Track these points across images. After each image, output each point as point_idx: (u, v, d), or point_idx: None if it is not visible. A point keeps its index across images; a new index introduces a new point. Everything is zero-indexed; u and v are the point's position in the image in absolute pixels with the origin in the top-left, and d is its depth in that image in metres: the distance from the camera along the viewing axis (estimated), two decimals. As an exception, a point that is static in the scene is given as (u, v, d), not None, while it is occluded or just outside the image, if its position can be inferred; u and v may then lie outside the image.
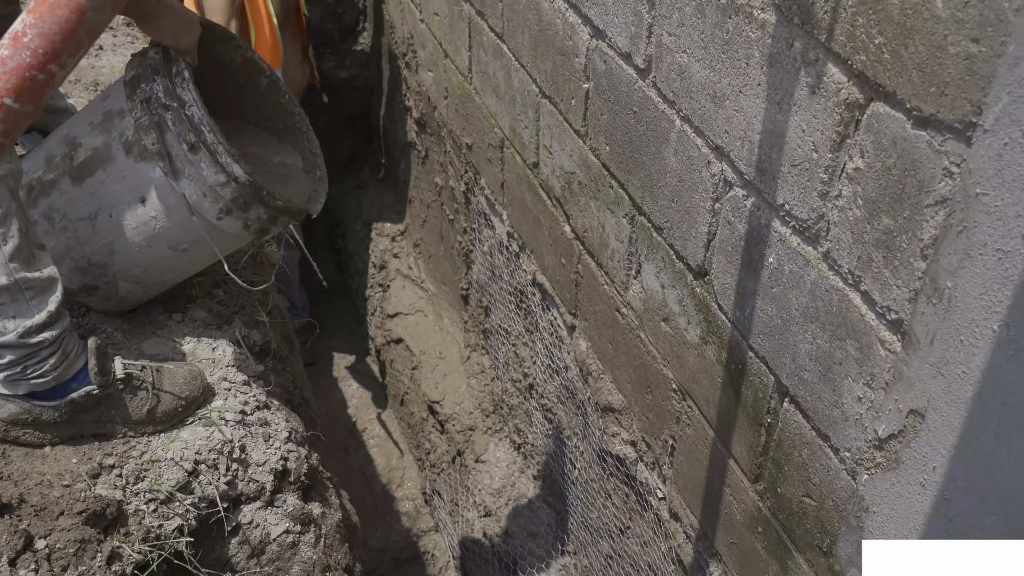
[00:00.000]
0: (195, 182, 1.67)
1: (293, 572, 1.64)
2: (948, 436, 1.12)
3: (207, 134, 1.65)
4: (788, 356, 1.46)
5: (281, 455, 1.68)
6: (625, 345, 2.16)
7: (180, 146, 1.65)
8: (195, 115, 1.65)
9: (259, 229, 1.77)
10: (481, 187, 3.12)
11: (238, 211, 1.70)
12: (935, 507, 1.17)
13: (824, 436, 1.41)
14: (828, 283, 1.31)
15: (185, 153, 1.65)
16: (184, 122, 1.64)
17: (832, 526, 1.43)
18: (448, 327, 3.92)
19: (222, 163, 1.66)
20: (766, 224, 1.44)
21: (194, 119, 1.65)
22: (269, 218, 1.75)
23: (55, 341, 1.46)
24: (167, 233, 1.72)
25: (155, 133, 1.63)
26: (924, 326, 1.12)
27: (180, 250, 1.75)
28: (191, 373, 1.64)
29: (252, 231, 1.76)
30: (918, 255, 1.11)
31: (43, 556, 1.29)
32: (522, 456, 3.34)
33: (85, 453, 1.51)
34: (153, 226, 1.71)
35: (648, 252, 1.92)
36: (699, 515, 1.95)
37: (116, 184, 1.68)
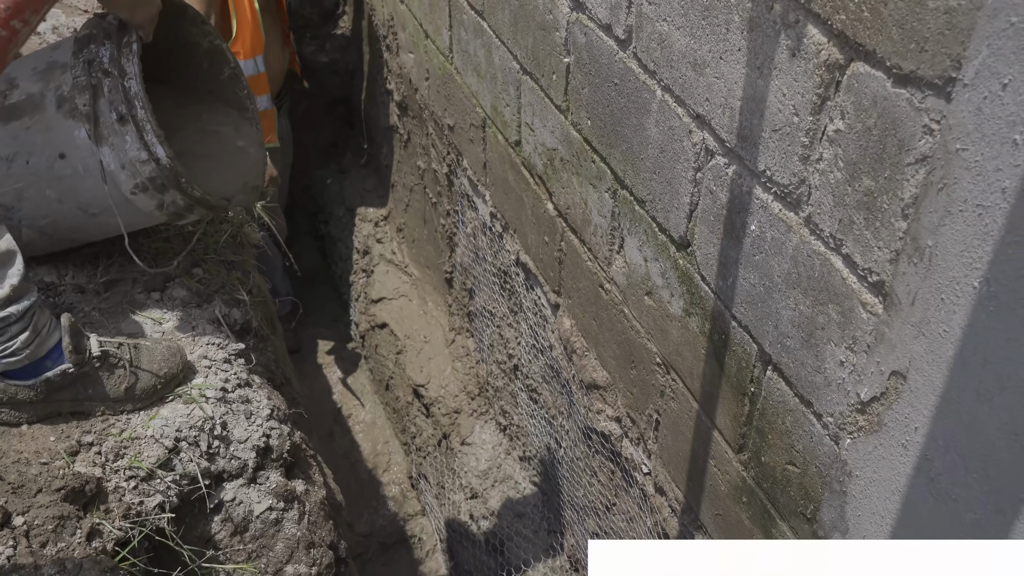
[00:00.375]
0: (116, 152, 1.67)
1: (277, 549, 1.63)
2: (929, 396, 1.12)
3: (139, 109, 1.65)
4: (771, 324, 1.45)
5: (263, 432, 1.67)
6: (609, 321, 2.15)
7: (110, 114, 1.65)
8: (132, 88, 1.65)
9: (174, 213, 1.78)
10: (463, 168, 3.11)
11: (154, 191, 1.71)
12: (917, 468, 1.18)
13: (807, 402, 1.41)
14: (810, 248, 1.31)
15: (113, 122, 1.65)
16: (119, 92, 1.65)
17: (816, 492, 1.44)
18: (432, 311, 3.91)
19: (147, 141, 1.66)
20: (748, 191, 1.44)
21: (130, 92, 1.65)
22: (185, 205, 1.76)
23: (22, 316, 1.43)
24: (79, 195, 1.71)
25: (89, 95, 1.64)
26: (905, 286, 1.12)
27: (90, 214, 1.75)
28: (170, 350, 1.62)
29: (166, 213, 1.77)
30: (899, 215, 1.10)
31: (21, 533, 1.27)
32: (508, 438, 3.33)
33: (63, 431, 1.49)
34: (67, 184, 1.71)
35: (631, 226, 1.91)
36: (684, 488, 1.96)
37: (40, 134, 1.67)
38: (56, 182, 1.70)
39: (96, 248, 1.88)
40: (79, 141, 1.67)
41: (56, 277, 1.80)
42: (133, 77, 1.65)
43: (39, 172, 1.69)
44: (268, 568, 1.62)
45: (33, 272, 1.77)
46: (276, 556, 1.63)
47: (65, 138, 1.68)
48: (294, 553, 1.64)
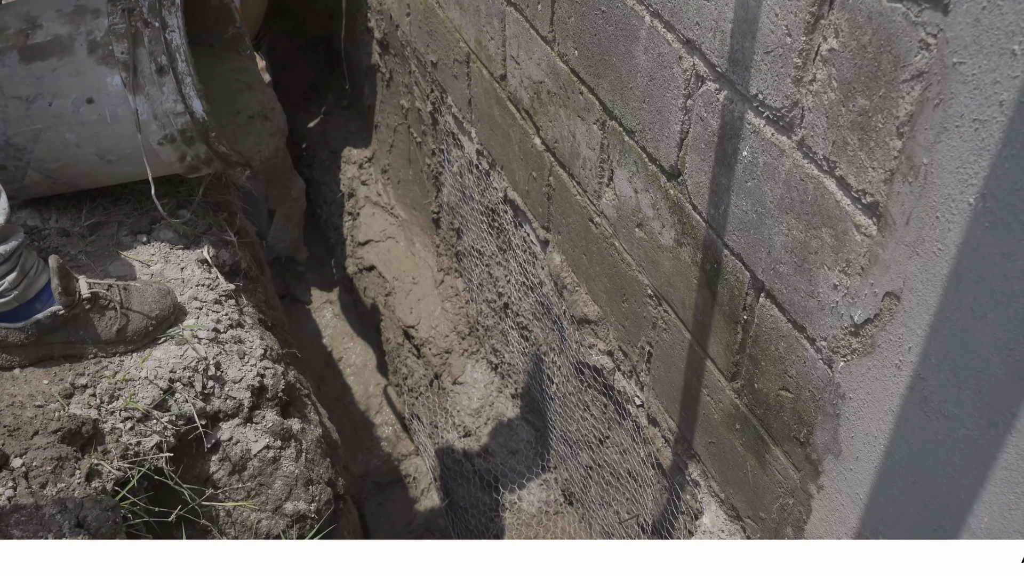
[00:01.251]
0: (152, 102, 1.67)
1: (276, 486, 1.64)
2: (923, 316, 1.13)
3: (180, 62, 1.66)
4: (763, 250, 1.45)
5: (257, 372, 1.66)
6: (599, 255, 2.15)
7: (149, 64, 1.65)
8: (174, 41, 1.66)
9: (192, 165, 1.79)
10: (448, 106, 3.06)
11: (181, 143, 1.72)
12: (910, 387, 1.19)
13: (800, 328, 1.41)
14: (803, 171, 1.30)
15: (152, 72, 1.65)
16: (161, 43, 1.65)
17: (809, 416, 1.45)
18: (420, 252, 3.90)
19: (185, 94, 1.67)
20: (739, 117, 1.42)
21: (172, 44, 1.65)
22: (206, 159, 1.77)
23: (9, 257, 1.41)
24: (100, 140, 1.71)
25: (128, 44, 1.64)
26: (900, 206, 1.12)
27: (106, 160, 1.75)
28: (160, 291, 1.61)
29: (185, 165, 1.78)
30: (894, 133, 1.09)
31: (20, 474, 1.27)
32: (499, 376, 3.35)
33: (56, 374, 1.48)
34: (89, 129, 1.70)
35: (620, 157, 1.89)
36: (677, 418, 1.98)
37: (68, 77, 1.65)
38: (79, 126, 1.70)
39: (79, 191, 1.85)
40: (111, 88, 1.67)
41: (39, 221, 1.77)
42: (176, 30, 1.65)
43: (62, 115, 1.68)
44: (267, 505, 1.63)
45: (16, 216, 1.75)
46: (275, 493, 1.65)
47: (96, 84, 1.67)
48: (293, 490, 1.66)
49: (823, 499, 1.47)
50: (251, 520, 1.61)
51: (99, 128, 1.69)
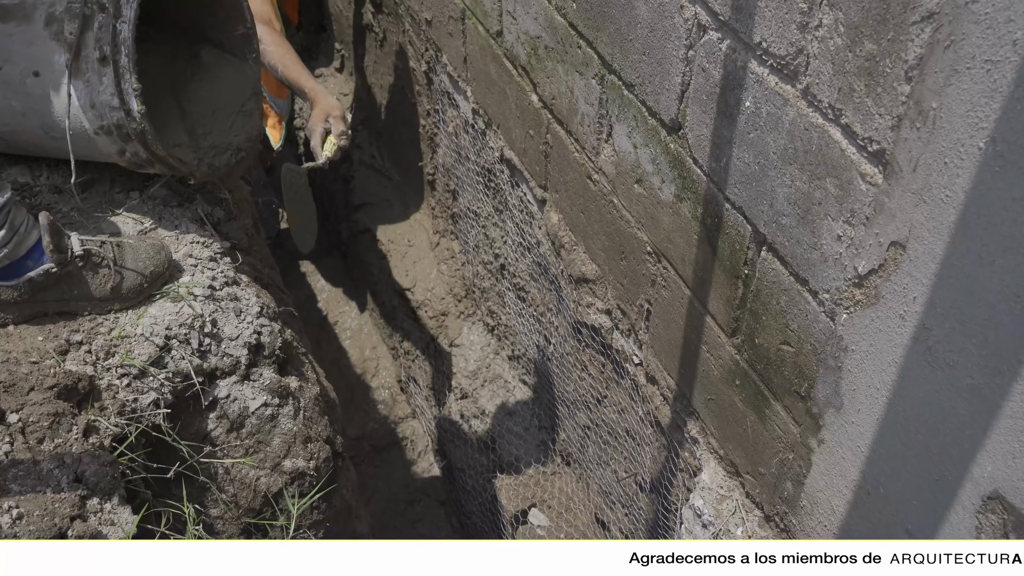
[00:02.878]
0: (90, 89, 1.63)
1: (274, 444, 1.63)
2: (929, 264, 1.11)
3: (123, 56, 1.60)
4: (766, 203, 1.44)
5: (254, 329, 1.65)
6: (597, 213, 2.13)
7: (93, 50, 1.60)
8: (123, 33, 1.60)
9: (134, 162, 1.74)
10: (443, 64, 3.02)
11: (118, 137, 1.67)
12: (915, 337, 1.18)
13: (802, 280, 1.40)
14: (807, 121, 1.28)
15: (94, 59, 1.60)
16: (108, 31, 1.60)
17: (810, 370, 1.45)
18: (415, 214, 3.87)
19: (123, 89, 1.62)
20: (742, 66, 1.40)
21: (119, 35, 1.60)
22: (147, 159, 1.72)
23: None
24: (44, 116, 1.67)
25: (78, 24, 1.58)
26: (907, 153, 1.10)
27: (51, 136, 1.71)
28: (154, 247, 1.59)
29: (126, 161, 1.73)
30: (902, 78, 1.07)
31: (17, 430, 1.26)
32: (496, 338, 3.35)
33: (51, 331, 1.47)
34: (34, 102, 1.66)
35: (619, 112, 1.87)
36: (676, 376, 1.97)
37: (22, 45, 1.61)
38: (24, 96, 1.65)
39: (70, 148, 1.82)
40: (56, 65, 1.62)
41: (30, 178, 1.74)
42: (127, 21, 1.60)
43: (10, 81, 1.63)
44: (266, 463, 1.63)
45: (6, 172, 1.72)
46: (273, 451, 1.64)
47: (44, 58, 1.62)
48: (291, 448, 1.65)
49: (824, 453, 1.47)
50: (250, 477, 1.61)
51: (43, 103, 1.65)
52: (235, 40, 1.97)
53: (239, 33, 1.96)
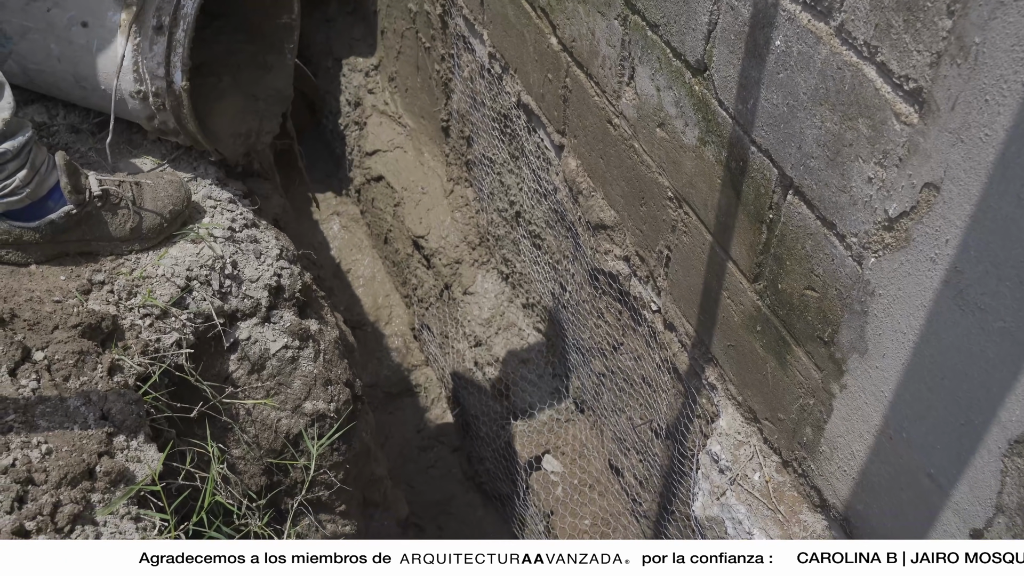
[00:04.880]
0: (140, 53, 1.63)
1: (295, 386, 1.64)
2: (964, 206, 1.09)
3: (181, 31, 1.60)
4: (794, 145, 1.41)
5: (274, 271, 1.65)
6: (617, 158, 2.11)
7: (152, 18, 1.60)
8: (186, 7, 1.60)
9: (159, 129, 1.74)
10: (459, 7, 2.97)
11: (152, 104, 1.67)
12: (945, 281, 1.16)
13: (830, 224, 1.38)
14: (840, 59, 1.25)
15: (151, 27, 1.60)
16: (171, 3, 1.60)
17: (835, 315, 1.44)
18: (429, 161, 3.84)
19: (171, 61, 1.62)
20: (773, 3, 1.36)
21: (182, 9, 1.60)
22: (174, 129, 1.72)
23: (19, 153, 1.37)
24: (79, 65, 1.67)
25: None
26: (946, 91, 1.07)
27: (80, 85, 1.71)
28: (172, 184, 1.58)
29: (152, 127, 1.74)
30: (944, 12, 1.04)
31: (43, 367, 1.26)
32: (510, 286, 3.34)
33: (73, 271, 1.46)
34: (74, 50, 1.66)
35: (642, 54, 1.83)
36: (695, 322, 1.97)
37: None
38: (65, 43, 1.64)
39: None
40: (108, 21, 1.62)
41: (47, 117, 1.73)
42: (189, 13, 1.61)
43: (54, 25, 1.63)
44: (287, 404, 1.64)
45: (23, 111, 1.70)
46: (294, 393, 1.65)
47: (97, 10, 1.62)
48: (312, 390, 1.66)
49: (845, 398, 1.47)
50: (271, 419, 1.62)
51: (83, 53, 1.64)
52: (276, 28, 1.99)
53: (282, 22, 1.97)
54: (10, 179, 1.37)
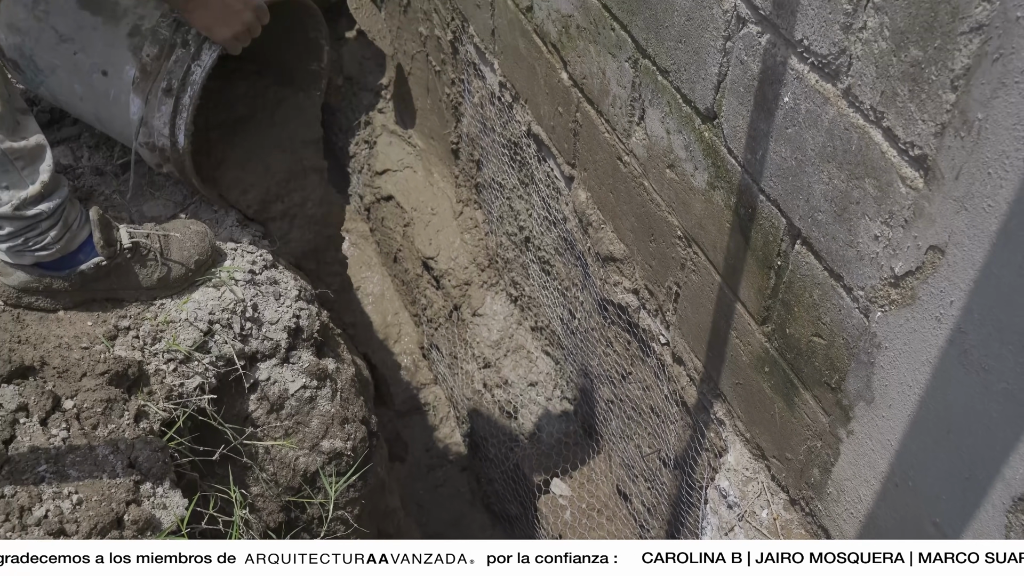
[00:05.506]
0: (149, 109, 1.68)
1: (313, 425, 1.68)
2: (968, 271, 1.13)
3: (187, 96, 1.65)
4: (802, 198, 1.45)
5: (293, 313, 1.68)
6: (627, 194, 2.14)
7: (161, 80, 1.65)
8: (195, 75, 1.65)
9: (167, 174, 1.79)
10: (470, 35, 3.01)
11: (159, 156, 1.72)
12: (950, 340, 1.20)
13: (837, 276, 1.42)
14: (847, 121, 1.28)
15: (160, 87, 1.65)
16: (182, 69, 1.64)
17: (841, 363, 1.47)
18: (439, 182, 3.88)
19: (176, 123, 1.67)
20: (782, 62, 1.40)
21: (191, 76, 1.65)
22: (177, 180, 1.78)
23: (53, 213, 1.42)
24: (100, 109, 1.74)
25: (157, 50, 1.64)
26: (950, 160, 1.11)
27: (100, 123, 1.78)
28: (198, 235, 1.62)
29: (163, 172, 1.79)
30: (948, 87, 1.08)
31: (72, 415, 1.30)
32: (519, 308, 3.38)
33: (100, 316, 1.51)
34: (94, 94, 1.73)
35: (653, 97, 1.87)
36: (703, 358, 2.00)
37: (101, 43, 1.65)
38: (87, 86, 1.71)
39: (109, 129, 1.85)
40: (124, 75, 1.68)
41: (72, 159, 1.77)
42: (203, 67, 1.65)
43: (79, 68, 1.69)
44: (305, 443, 1.67)
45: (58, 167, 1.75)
46: (312, 432, 1.68)
47: (116, 63, 1.68)
48: (329, 428, 1.69)
49: (852, 444, 1.50)
50: (289, 457, 1.65)
51: (102, 99, 1.71)
52: (306, 74, 2.04)
53: (312, 68, 2.02)
54: (42, 236, 1.41)
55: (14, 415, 1.28)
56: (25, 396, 1.30)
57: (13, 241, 1.41)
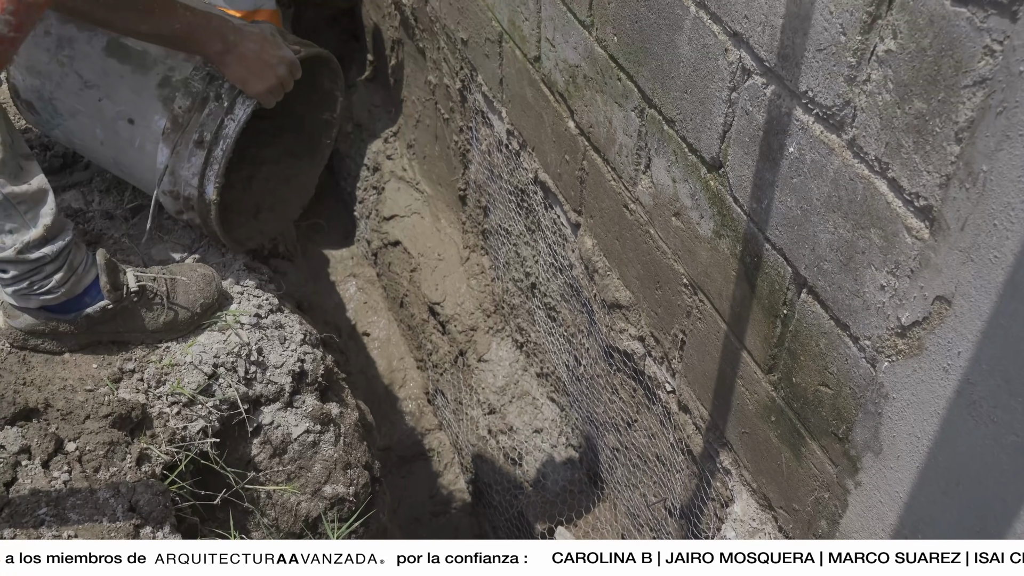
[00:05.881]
0: (177, 159, 1.70)
1: (315, 470, 1.67)
2: (975, 321, 1.12)
3: (219, 150, 1.68)
4: (807, 247, 1.45)
5: (298, 357, 1.68)
6: (633, 241, 2.15)
7: (193, 131, 1.67)
8: (228, 129, 1.67)
9: (187, 223, 1.82)
10: (478, 84, 3.05)
11: (183, 204, 1.74)
12: (958, 391, 1.19)
13: (843, 325, 1.41)
14: (852, 171, 1.29)
15: (192, 139, 1.68)
16: (215, 122, 1.67)
17: (849, 413, 1.46)
18: (446, 228, 3.90)
19: (206, 175, 1.69)
20: (787, 113, 1.41)
21: (224, 130, 1.67)
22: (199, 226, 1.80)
23: (57, 256, 1.42)
24: (121, 155, 1.76)
25: (190, 103, 1.66)
26: (955, 212, 1.11)
27: (119, 168, 1.80)
28: (205, 278, 1.63)
29: (182, 219, 1.81)
30: (952, 139, 1.09)
31: (75, 458, 1.30)
32: (524, 355, 3.37)
33: (105, 359, 1.51)
34: (117, 141, 1.74)
35: (659, 146, 1.89)
36: (709, 407, 1.99)
37: (129, 91, 1.68)
38: (111, 132, 1.73)
39: (120, 173, 1.87)
40: (152, 125, 1.70)
41: (83, 204, 1.79)
42: (236, 121, 1.68)
43: (102, 114, 1.71)
44: (307, 488, 1.66)
45: (60, 198, 1.76)
46: (314, 476, 1.67)
47: (144, 112, 1.70)
48: (332, 473, 1.68)
49: (860, 495, 1.48)
50: (291, 503, 1.64)
51: (125, 146, 1.72)
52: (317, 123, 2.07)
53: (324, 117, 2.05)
54: (47, 280, 1.42)
55: (16, 457, 1.28)
56: (28, 438, 1.30)
57: (18, 285, 1.42)
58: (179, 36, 1.49)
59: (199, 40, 1.52)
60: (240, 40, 1.55)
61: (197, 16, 1.52)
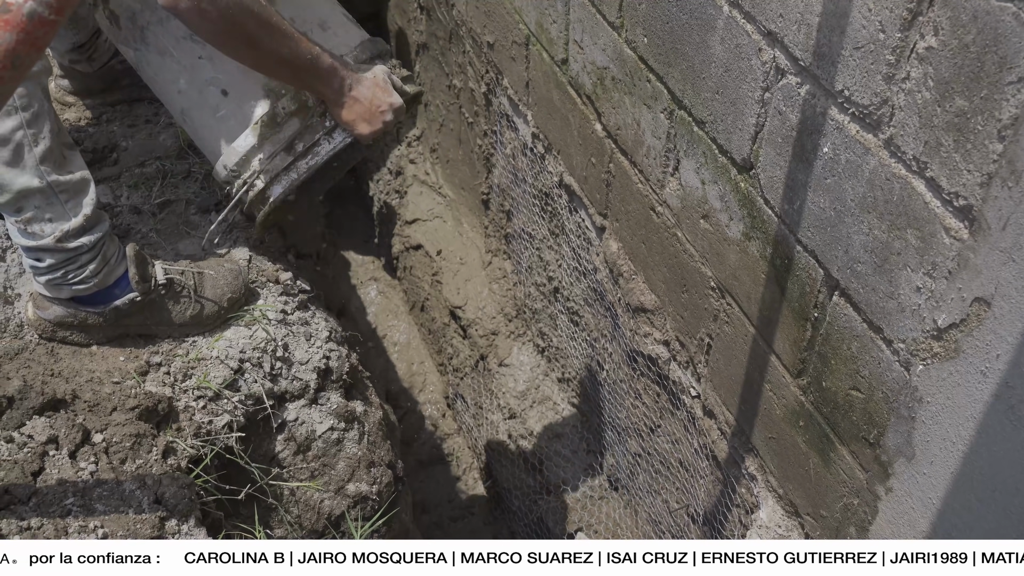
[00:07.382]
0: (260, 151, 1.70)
1: (339, 467, 1.66)
2: (1016, 323, 1.10)
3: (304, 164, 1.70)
4: (840, 249, 1.43)
5: (323, 354, 1.68)
6: (659, 244, 2.13)
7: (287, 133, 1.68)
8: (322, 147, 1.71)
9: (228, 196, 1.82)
10: (503, 87, 3.05)
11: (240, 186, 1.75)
12: (996, 395, 1.17)
13: (876, 328, 1.39)
14: (889, 171, 1.27)
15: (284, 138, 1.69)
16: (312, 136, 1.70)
17: (881, 418, 1.44)
18: (468, 232, 3.90)
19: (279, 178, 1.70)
20: (822, 112, 1.39)
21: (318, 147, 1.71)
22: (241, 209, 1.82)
23: (93, 247, 1.44)
24: (195, 115, 1.75)
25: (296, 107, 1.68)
26: (997, 211, 1.09)
27: (185, 119, 1.78)
28: (232, 272, 1.63)
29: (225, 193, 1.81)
30: (994, 137, 1.07)
31: (101, 449, 1.30)
32: (546, 359, 3.36)
33: (132, 352, 1.51)
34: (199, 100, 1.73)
35: (688, 148, 1.87)
36: (735, 412, 1.96)
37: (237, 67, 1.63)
38: (196, 91, 1.70)
39: (149, 169, 1.87)
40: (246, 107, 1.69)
41: (112, 198, 1.80)
42: (331, 144, 1.72)
43: (197, 71, 1.68)
44: (331, 486, 1.65)
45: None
46: (338, 474, 1.67)
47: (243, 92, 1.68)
48: (355, 472, 1.68)
49: (891, 501, 1.46)
50: (314, 500, 1.63)
51: (206, 109, 1.70)
52: None
53: None
54: (81, 270, 1.43)
55: (44, 447, 1.28)
56: (56, 428, 1.30)
57: (53, 274, 1.42)
58: (307, 68, 1.50)
59: (322, 76, 1.54)
60: (355, 84, 1.58)
61: (324, 52, 1.55)
